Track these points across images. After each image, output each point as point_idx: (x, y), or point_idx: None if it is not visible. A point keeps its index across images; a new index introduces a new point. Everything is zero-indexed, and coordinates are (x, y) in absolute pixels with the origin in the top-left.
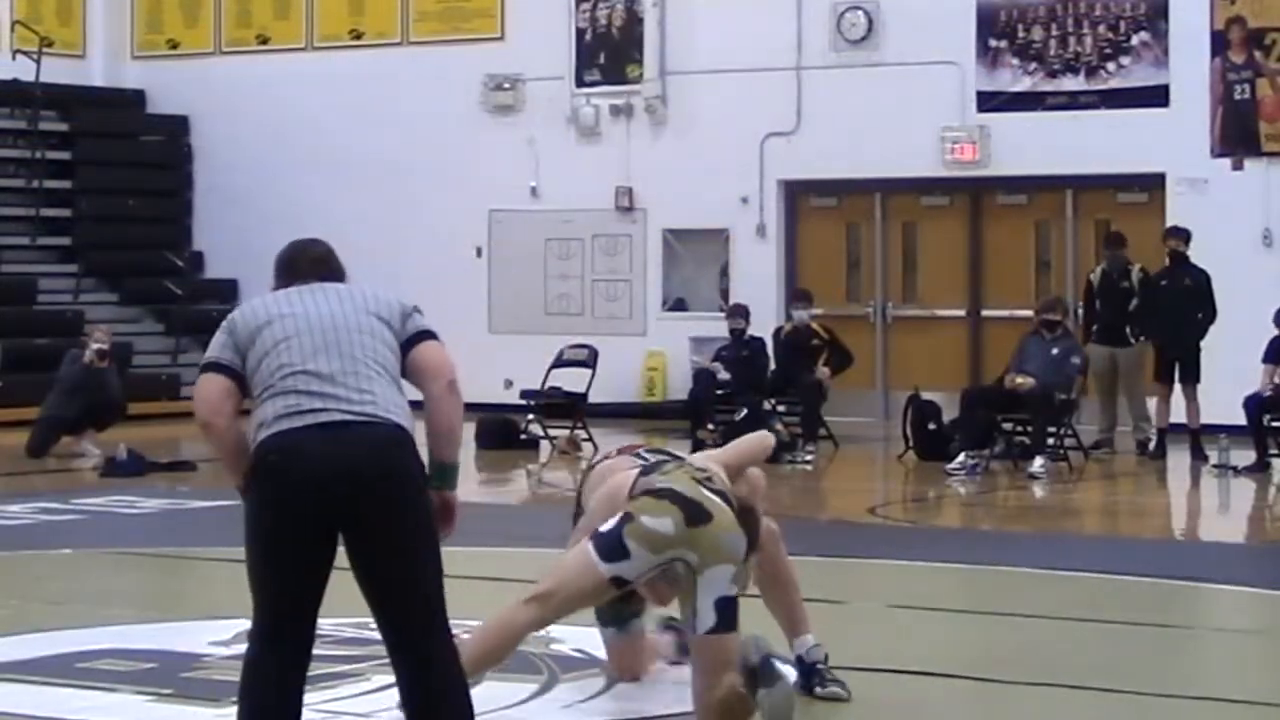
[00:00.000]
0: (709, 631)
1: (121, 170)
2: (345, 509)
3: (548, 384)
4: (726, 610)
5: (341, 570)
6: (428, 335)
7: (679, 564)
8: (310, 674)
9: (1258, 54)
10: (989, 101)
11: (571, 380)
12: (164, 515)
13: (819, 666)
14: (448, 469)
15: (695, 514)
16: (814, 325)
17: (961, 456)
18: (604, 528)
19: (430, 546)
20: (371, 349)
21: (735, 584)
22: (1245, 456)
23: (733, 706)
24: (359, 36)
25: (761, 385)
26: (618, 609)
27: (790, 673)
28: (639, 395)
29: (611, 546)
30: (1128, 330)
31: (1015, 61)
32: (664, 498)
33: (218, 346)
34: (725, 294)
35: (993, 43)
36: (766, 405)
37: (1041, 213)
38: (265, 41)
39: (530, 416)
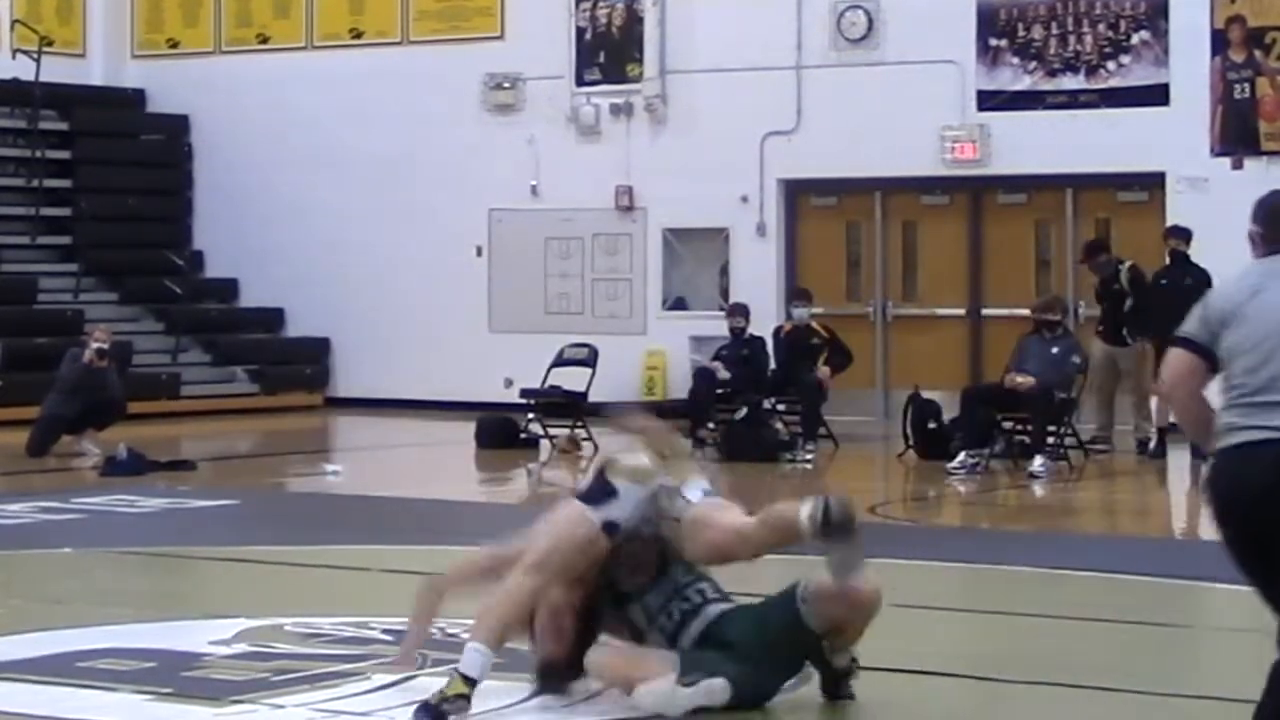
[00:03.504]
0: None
1: (121, 169)
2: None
3: (548, 383)
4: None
5: (341, 570)
6: None
7: (662, 492)
8: (310, 674)
9: (1258, 53)
10: (989, 100)
11: (572, 379)
12: (164, 515)
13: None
14: None
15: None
16: (814, 324)
17: (962, 455)
18: (583, 484)
19: None
20: None
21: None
22: None
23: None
24: (359, 36)
25: (761, 384)
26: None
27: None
28: (639, 394)
29: (599, 490)
30: (1124, 331)
31: (1015, 60)
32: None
33: (1193, 320)
34: (725, 293)
35: (993, 42)
36: (766, 404)
37: (1041, 212)
38: (265, 41)
39: (530, 416)
